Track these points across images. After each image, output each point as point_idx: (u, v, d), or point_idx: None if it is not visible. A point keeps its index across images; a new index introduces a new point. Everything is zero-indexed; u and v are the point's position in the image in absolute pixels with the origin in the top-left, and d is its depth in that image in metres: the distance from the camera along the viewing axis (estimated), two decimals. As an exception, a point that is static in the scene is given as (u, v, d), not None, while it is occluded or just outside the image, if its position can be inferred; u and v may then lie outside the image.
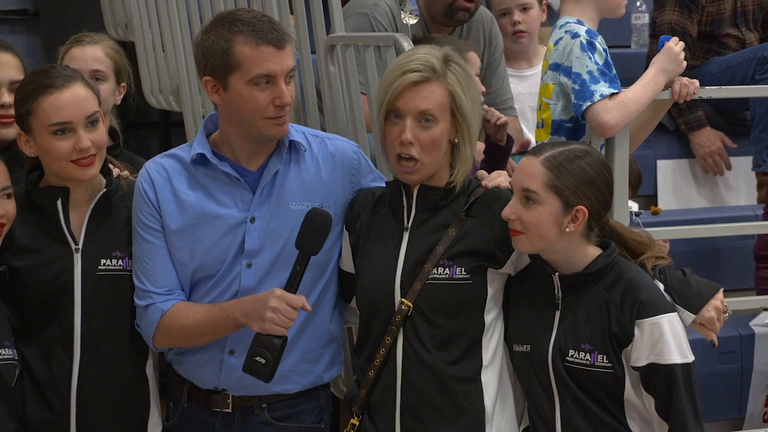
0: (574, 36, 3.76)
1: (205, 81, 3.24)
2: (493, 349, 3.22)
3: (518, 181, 3.14)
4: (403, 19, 4.06)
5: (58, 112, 3.23)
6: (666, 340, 3.05)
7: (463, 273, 3.17)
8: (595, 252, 3.15)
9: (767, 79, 5.32)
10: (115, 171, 3.45)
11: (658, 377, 3.06)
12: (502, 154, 3.87)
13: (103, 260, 3.32)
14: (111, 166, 3.42)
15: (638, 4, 6.07)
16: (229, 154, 3.29)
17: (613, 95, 3.68)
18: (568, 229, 3.10)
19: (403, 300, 3.18)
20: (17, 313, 3.30)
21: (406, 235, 3.23)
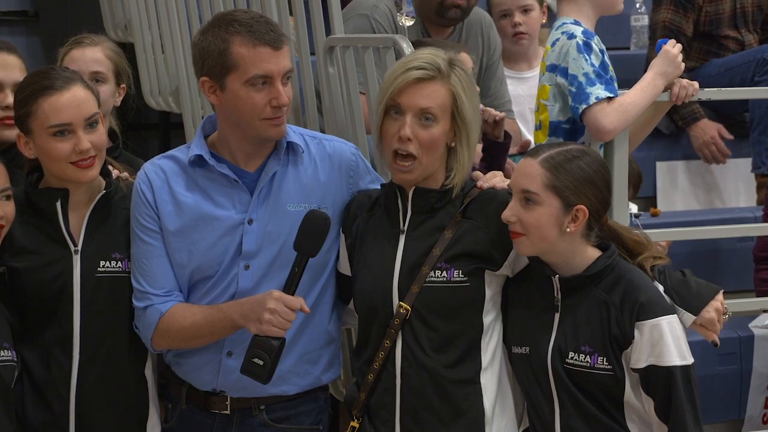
0: (571, 37, 3.75)
1: (202, 82, 3.24)
2: (492, 351, 3.21)
3: (517, 182, 3.13)
4: (400, 21, 4.06)
5: (57, 113, 3.23)
6: (666, 342, 3.04)
7: (460, 275, 3.16)
8: (595, 253, 3.15)
9: (766, 81, 5.32)
10: (115, 172, 3.44)
11: (658, 379, 3.05)
12: (500, 151, 3.87)
13: (103, 262, 3.32)
14: (110, 167, 3.42)
15: (638, 5, 6.06)
16: (227, 156, 3.29)
17: (611, 99, 3.68)
18: (569, 229, 3.10)
19: (402, 303, 3.17)
20: (16, 314, 3.30)
21: (402, 238, 3.22)
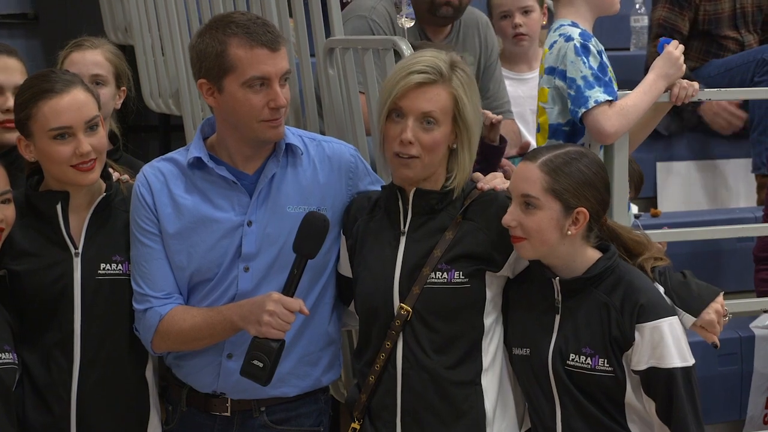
0: (568, 39, 3.73)
1: (200, 84, 3.24)
2: (492, 352, 3.21)
3: (516, 187, 3.13)
4: (399, 22, 4.06)
5: (58, 116, 3.23)
6: (666, 343, 3.04)
7: (461, 277, 3.16)
8: (595, 255, 3.14)
9: (766, 81, 5.32)
10: (115, 175, 3.45)
11: (659, 381, 3.05)
12: (495, 154, 3.88)
13: (103, 264, 3.32)
14: (111, 170, 3.42)
15: (637, 6, 6.06)
16: (226, 158, 3.29)
17: (612, 102, 3.66)
18: (570, 232, 3.09)
19: (403, 305, 3.17)
20: (17, 317, 3.30)
21: (402, 240, 3.22)
